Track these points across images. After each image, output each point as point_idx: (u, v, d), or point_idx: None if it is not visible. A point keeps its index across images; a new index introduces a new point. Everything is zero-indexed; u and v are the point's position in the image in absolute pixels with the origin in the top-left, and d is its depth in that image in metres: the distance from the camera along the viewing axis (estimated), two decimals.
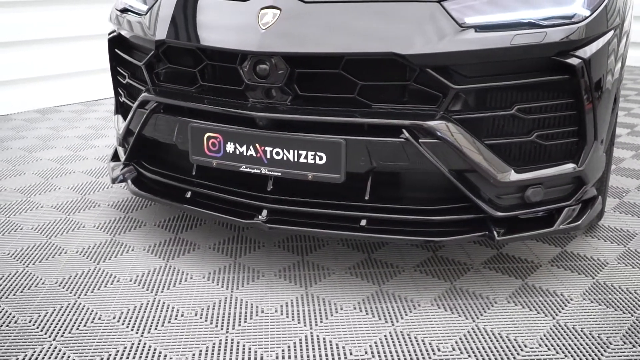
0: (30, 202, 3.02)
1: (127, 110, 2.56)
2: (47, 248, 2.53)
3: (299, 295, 2.16)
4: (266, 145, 2.06)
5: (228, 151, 2.12)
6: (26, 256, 2.46)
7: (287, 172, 2.07)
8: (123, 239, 2.61)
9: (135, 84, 2.52)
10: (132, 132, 2.44)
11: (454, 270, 2.33)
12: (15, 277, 2.29)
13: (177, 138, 2.25)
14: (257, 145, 2.07)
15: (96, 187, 3.22)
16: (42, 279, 2.28)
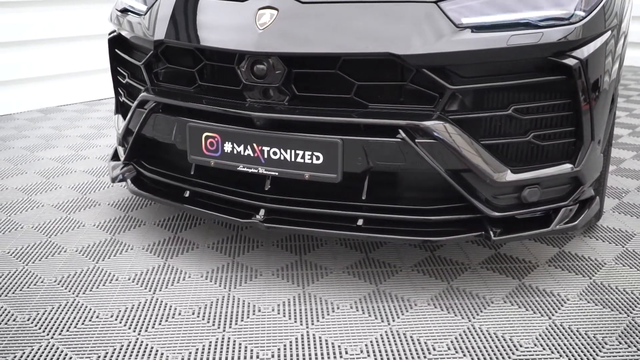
0: (31, 201, 3.04)
1: (127, 109, 2.57)
2: (47, 247, 2.54)
3: (296, 295, 2.17)
4: (263, 145, 2.07)
5: (226, 151, 2.13)
6: (26, 255, 2.47)
7: (284, 172, 2.07)
8: (122, 237, 2.63)
9: (134, 83, 2.53)
10: (131, 131, 2.45)
11: (451, 270, 2.34)
12: (14, 275, 2.31)
13: (175, 138, 2.26)
14: (255, 145, 2.08)
15: (97, 187, 3.23)
16: (41, 277, 2.30)
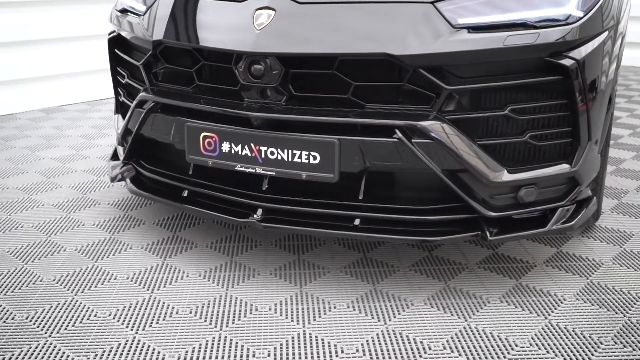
0: (32, 201, 3.05)
1: (126, 109, 2.58)
2: (47, 246, 2.56)
3: (293, 294, 2.18)
4: (261, 145, 2.08)
5: (223, 150, 2.14)
6: (25, 254, 2.49)
7: (281, 172, 2.08)
8: (122, 237, 2.64)
9: (134, 83, 2.55)
10: (130, 131, 2.47)
11: (448, 270, 2.34)
12: (14, 274, 2.32)
13: (174, 137, 2.27)
14: (252, 144, 2.09)
15: (97, 186, 3.24)
16: (41, 276, 2.31)
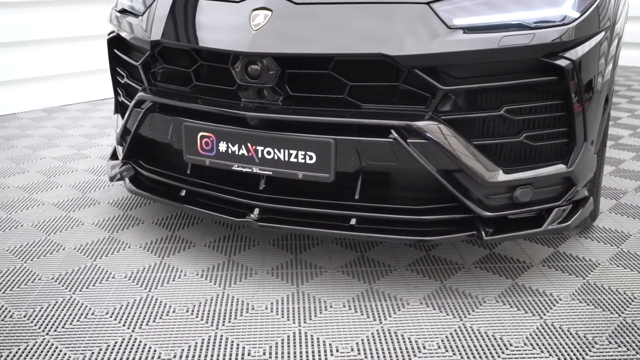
0: (32, 200, 3.07)
1: (125, 109, 2.59)
2: (46, 245, 2.57)
3: (290, 293, 2.19)
4: (257, 145, 2.09)
5: (220, 150, 2.15)
6: (25, 252, 2.50)
7: (277, 171, 2.09)
8: (120, 236, 2.65)
9: (132, 83, 2.56)
10: (129, 131, 2.48)
11: (445, 270, 2.35)
12: (13, 272, 2.34)
13: (171, 137, 2.29)
14: (249, 144, 2.10)
15: (97, 185, 3.26)
16: (39, 274, 2.32)
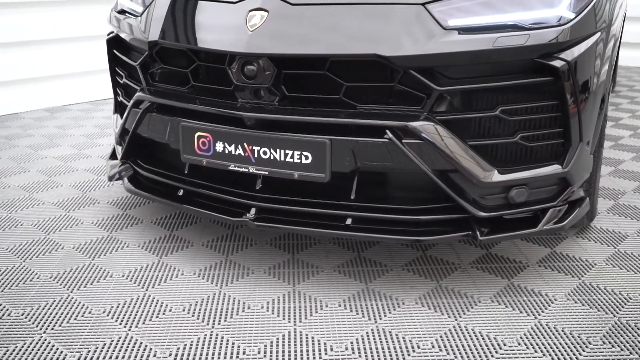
0: (33, 199, 3.09)
1: (124, 109, 2.61)
2: (45, 244, 2.59)
3: (286, 292, 2.20)
4: (254, 145, 2.10)
5: (217, 150, 2.17)
6: (24, 251, 2.52)
7: (274, 171, 2.10)
8: (119, 235, 2.67)
9: (131, 83, 2.57)
10: (127, 130, 2.50)
11: (441, 270, 2.36)
12: (11, 271, 2.36)
13: (169, 137, 2.30)
14: (245, 144, 2.11)
15: (97, 185, 3.28)
16: (38, 273, 2.34)
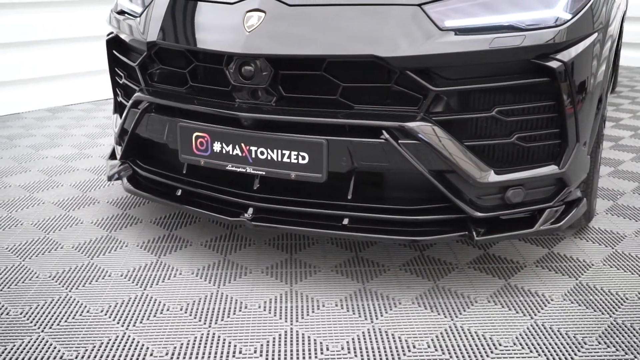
0: (33, 199, 3.10)
1: (123, 109, 2.62)
2: (45, 243, 2.60)
3: (283, 292, 2.21)
4: (251, 145, 2.11)
5: (215, 150, 2.17)
6: (23, 250, 2.53)
7: (271, 171, 2.11)
8: (118, 235, 2.68)
9: (130, 84, 2.59)
10: (126, 130, 2.51)
11: (438, 270, 2.36)
12: (11, 270, 2.37)
13: (167, 137, 2.31)
14: (243, 144, 2.12)
15: (97, 185, 3.29)
16: (37, 272, 2.35)
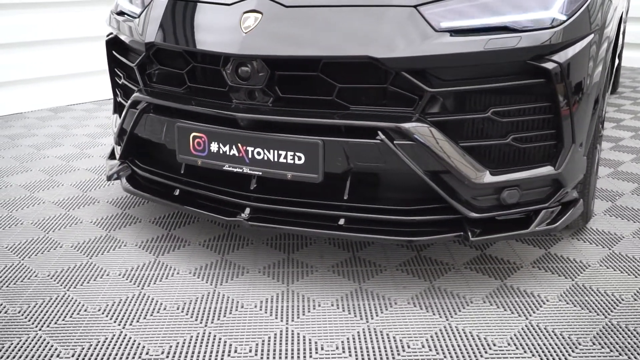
0: (33, 198, 3.12)
1: (123, 109, 2.64)
2: (44, 242, 2.62)
3: (280, 292, 2.22)
4: (248, 145, 2.12)
5: (212, 150, 2.19)
6: (23, 250, 2.55)
7: (267, 172, 2.12)
8: (117, 234, 2.69)
9: (129, 84, 2.60)
10: (125, 131, 2.52)
11: (435, 270, 2.37)
12: (10, 269, 2.39)
13: (165, 137, 2.33)
14: (239, 145, 2.13)
15: (98, 184, 3.31)
16: (36, 272, 2.37)
